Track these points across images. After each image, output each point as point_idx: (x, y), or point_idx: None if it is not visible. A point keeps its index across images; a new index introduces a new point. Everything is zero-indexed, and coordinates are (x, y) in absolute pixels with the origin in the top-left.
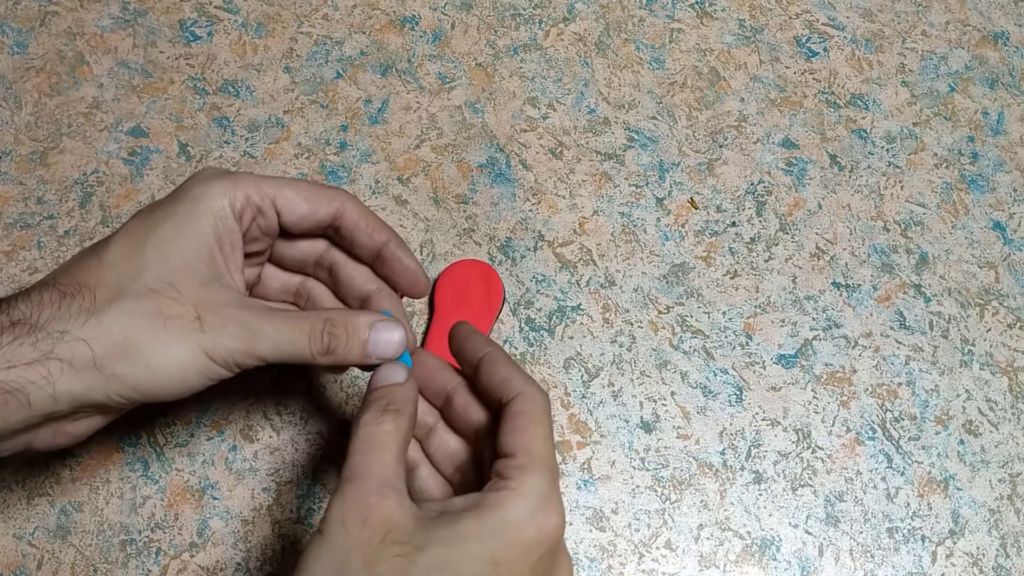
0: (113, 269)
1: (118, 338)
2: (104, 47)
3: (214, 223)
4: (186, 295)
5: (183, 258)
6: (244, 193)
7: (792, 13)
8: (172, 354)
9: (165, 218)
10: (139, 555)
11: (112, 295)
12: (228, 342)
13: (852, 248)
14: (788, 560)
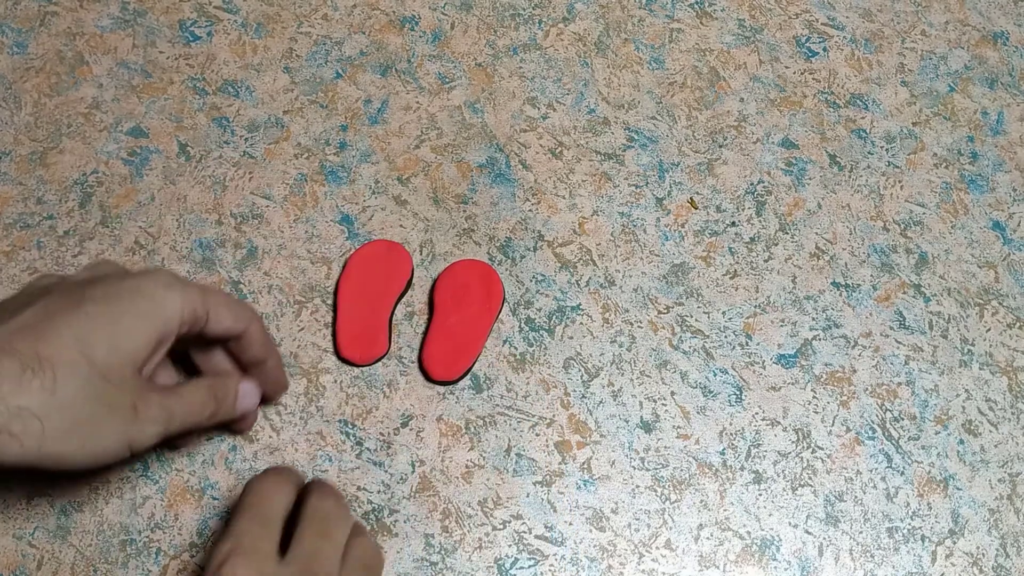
0: (73, 347)
1: (68, 422)
2: (104, 47)
3: (163, 327)
4: (127, 385)
5: (131, 351)
6: (192, 307)
7: (792, 13)
8: (105, 441)
9: (125, 312)
10: (139, 555)
11: (70, 377)
12: (151, 428)
13: (852, 248)
14: (788, 560)
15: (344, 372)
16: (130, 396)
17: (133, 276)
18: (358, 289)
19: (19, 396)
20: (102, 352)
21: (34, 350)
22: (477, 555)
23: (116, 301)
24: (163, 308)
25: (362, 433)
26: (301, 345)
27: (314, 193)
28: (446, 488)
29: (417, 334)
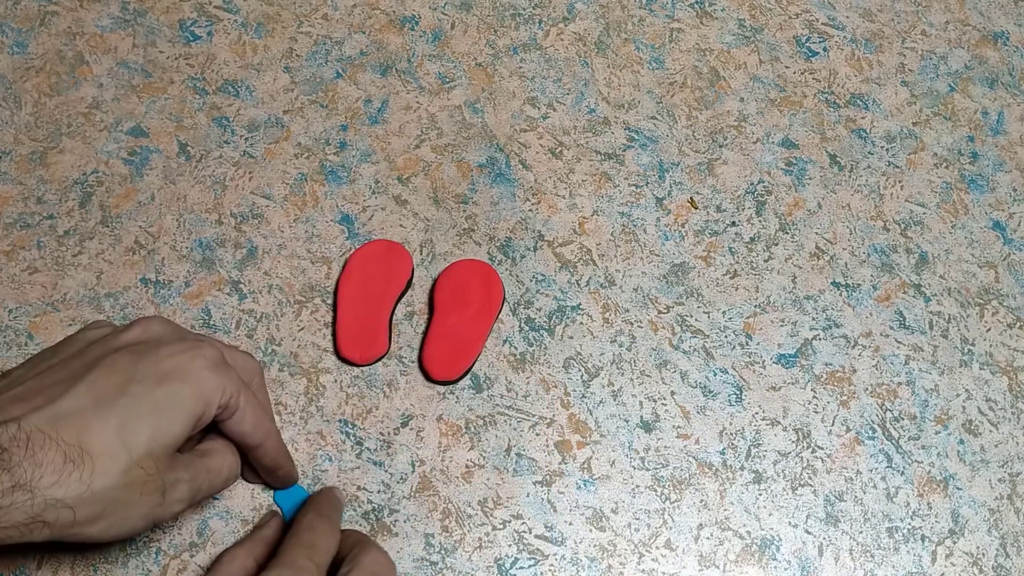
0: (115, 438)
1: (99, 510)
2: (104, 47)
3: (203, 411)
4: (160, 468)
5: (171, 438)
6: (228, 397)
7: (792, 13)
8: (130, 524)
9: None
10: (139, 555)
11: (108, 468)
12: (176, 507)
13: (852, 248)
14: (788, 560)
15: (344, 372)
16: (161, 481)
17: (179, 354)
18: (358, 289)
19: (57, 489)
20: (143, 440)
21: (78, 441)
22: (477, 555)
23: (163, 384)
24: (204, 394)
25: (362, 433)
26: (301, 345)
27: (314, 193)
28: (446, 488)
29: (417, 334)
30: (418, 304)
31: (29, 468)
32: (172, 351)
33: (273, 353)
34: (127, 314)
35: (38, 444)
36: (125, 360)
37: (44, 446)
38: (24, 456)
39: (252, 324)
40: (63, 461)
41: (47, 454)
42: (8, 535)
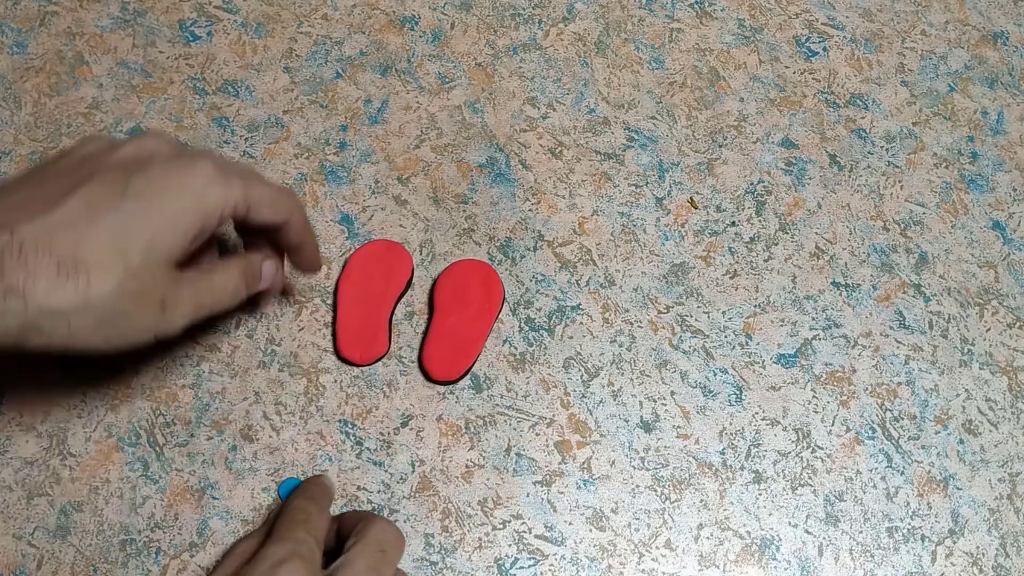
0: (110, 249)
1: (96, 320)
2: (104, 47)
3: (202, 222)
4: (158, 282)
5: (167, 249)
6: (233, 202)
7: (791, 13)
8: (131, 335)
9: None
10: (139, 555)
11: (103, 279)
12: (178, 322)
13: (852, 248)
14: (788, 560)
15: (344, 372)
16: (160, 293)
17: (177, 168)
18: (358, 289)
19: (52, 297)
20: (138, 252)
21: (72, 252)
22: (477, 555)
23: (158, 197)
24: (204, 204)
25: (362, 433)
26: (301, 345)
27: (314, 193)
28: (446, 488)
29: (417, 334)
30: (418, 304)
31: (22, 275)
32: (168, 166)
33: (273, 353)
34: None
35: (31, 252)
36: (119, 175)
37: (37, 255)
38: (17, 263)
39: (252, 324)
40: (56, 271)
41: (40, 262)
42: (5, 340)
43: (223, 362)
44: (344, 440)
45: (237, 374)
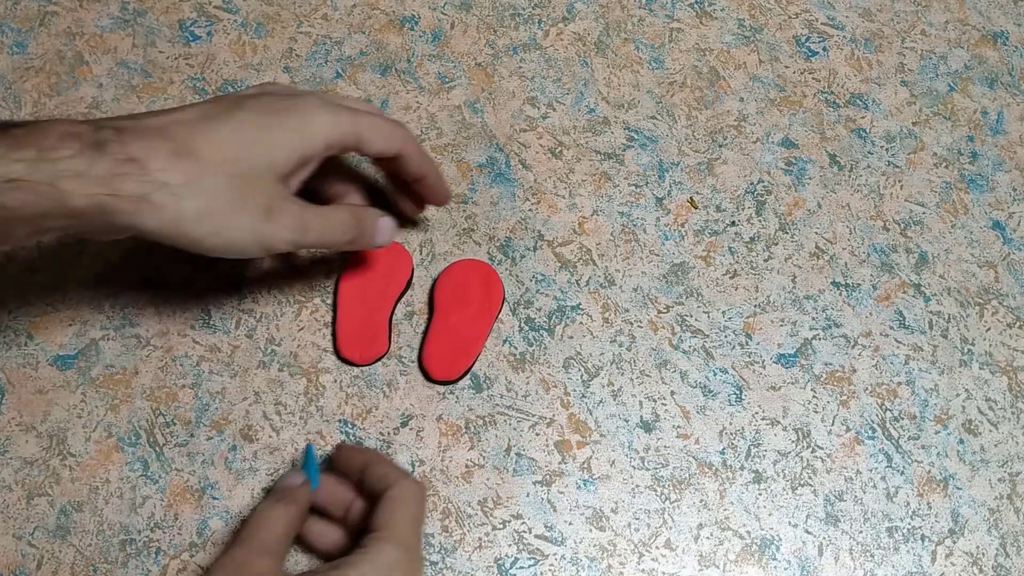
0: (219, 148)
1: (204, 207)
2: (104, 47)
3: (308, 145)
4: (265, 188)
5: (272, 161)
6: (340, 131)
7: (791, 13)
8: (237, 233)
9: (274, 125)
10: (139, 555)
11: (211, 171)
12: (283, 233)
13: (852, 248)
14: (788, 559)
15: (344, 372)
16: (266, 198)
17: (291, 96)
18: (358, 289)
19: (165, 173)
20: (244, 156)
21: (187, 141)
22: (477, 555)
23: (268, 114)
24: (310, 128)
25: (362, 433)
26: (301, 345)
27: None
28: (446, 488)
29: (417, 334)
30: (418, 304)
31: (142, 147)
32: (280, 95)
33: (273, 353)
34: (127, 314)
35: (151, 134)
36: (237, 98)
37: (155, 136)
38: (136, 139)
39: (252, 324)
40: (171, 152)
41: (159, 143)
42: (123, 210)
43: (223, 362)
44: (344, 440)
45: (237, 374)
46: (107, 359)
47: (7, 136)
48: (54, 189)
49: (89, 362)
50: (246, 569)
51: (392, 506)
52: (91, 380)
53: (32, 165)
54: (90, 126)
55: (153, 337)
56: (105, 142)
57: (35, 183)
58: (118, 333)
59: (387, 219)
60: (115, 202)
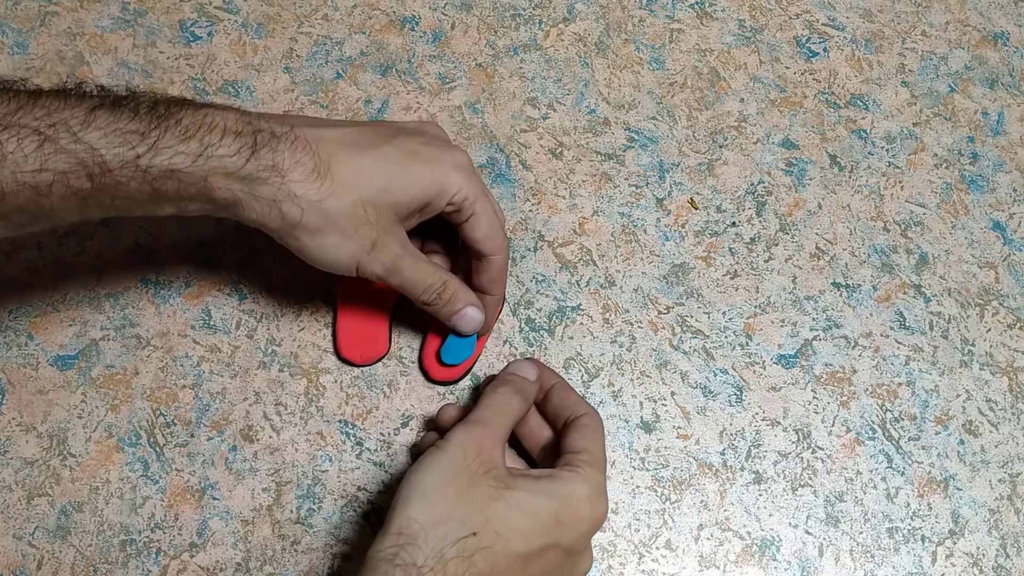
0: (356, 175)
1: (320, 225)
2: (104, 47)
3: (432, 196)
4: (380, 222)
5: (397, 201)
6: (464, 197)
7: (792, 13)
8: (338, 254)
9: (412, 170)
10: (139, 555)
11: (342, 195)
12: (376, 268)
13: (852, 248)
14: (788, 560)
15: (344, 372)
16: (376, 233)
17: (438, 146)
18: (358, 289)
19: (300, 187)
20: (375, 188)
21: (329, 161)
22: None
23: (411, 157)
24: (442, 181)
25: (362, 433)
26: (301, 345)
27: None
28: None
29: (417, 334)
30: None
31: (288, 159)
32: (432, 141)
33: (273, 353)
34: (127, 314)
35: (301, 147)
36: (393, 130)
37: (304, 150)
38: (287, 148)
39: (252, 324)
40: (312, 168)
41: (303, 156)
42: (254, 208)
43: (223, 362)
44: (344, 440)
45: (237, 374)
46: (107, 359)
47: (177, 126)
48: (204, 182)
49: (89, 362)
50: (483, 455)
51: (590, 433)
52: (91, 380)
53: (194, 160)
54: (248, 124)
55: (153, 337)
56: (259, 147)
57: (192, 175)
58: (118, 333)
59: (475, 310)
60: (249, 200)
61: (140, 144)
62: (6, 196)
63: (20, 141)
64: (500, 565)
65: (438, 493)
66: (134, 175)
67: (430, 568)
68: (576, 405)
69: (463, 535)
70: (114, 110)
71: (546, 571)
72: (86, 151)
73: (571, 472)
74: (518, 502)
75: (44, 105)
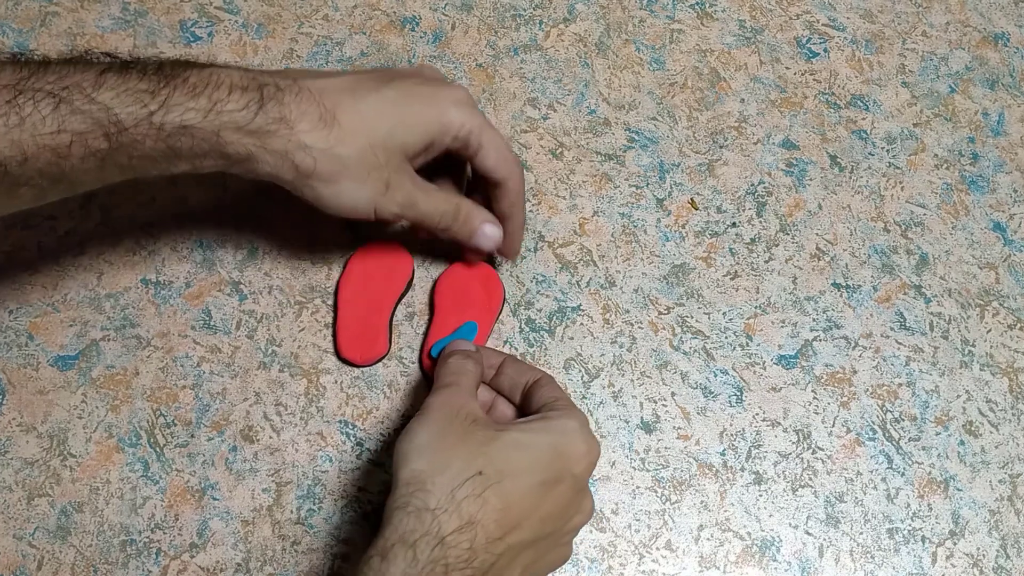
0: (361, 120)
1: (334, 172)
2: (104, 47)
3: (436, 134)
4: (390, 164)
5: (403, 140)
6: (467, 131)
7: (792, 14)
8: (355, 198)
9: (413, 110)
10: (139, 556)
11: (350, 140)
12: (392, 206)
13: (852, 249)
14: (788, 561)
15: (344, 372)
16: (388, 174)
17: (435, 85)
18: (359, 289)
19: (309, 136)
20: (382, 131)
21: (333, 109)
22: None
23: (411, 98)
24: (443, 119)
25: (362, 433)
26: (301, 346)
27: None
28: None
29: (418, 335)
30: (419, 305)
31: (295, 110)
32: (428, 81)
33: (273, 354)
34: (127, 315)
35: (305, 98)
36: (390, 74)
37: (309, 101)
38: (292, 100)
39: (252, 324)
40: (318, 118)
41: (309, 107)
42: (267, 161)
43: (223, 362)
44: (344, 441)
45: (237, 375)
46: (108, 359)
47: (185, 84)
48: (216, 136)
49: (90, 362)
50: (463, 409)
51: (554, 388)
52: (91, 381)
53: (205, 115)
54: (253, 79)
55: (154, 338)
56: (266, 100)
57: (204, 130)
58: (118, 333)
59: (491, 227)
60: (261, 154)
61: (152, 102)
62: (28, 159)
63: (36, 104)
64: (513, 500)
65: (435, 445)
66: (148, 132)
67: (444, 509)
68: (530, 371)
69: (470, 475)
70: (123, 72)
71: (559, 506)
72: (101, 110)
73: (557, 412)
74: (515, 441)
75: (55, 71)
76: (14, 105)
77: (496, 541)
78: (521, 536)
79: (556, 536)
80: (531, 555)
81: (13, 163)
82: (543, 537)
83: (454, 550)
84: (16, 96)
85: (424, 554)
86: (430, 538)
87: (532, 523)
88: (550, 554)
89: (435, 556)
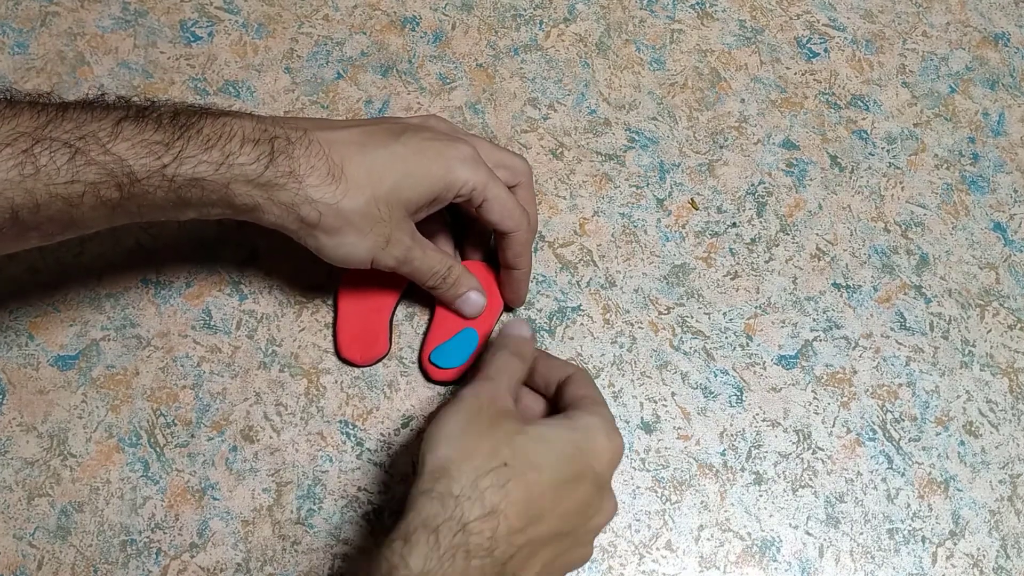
0: (369, 175)
1: (336, 226)
2: (105, 47)
3: (441, 191)
4: (392, 220)
5: (408, 197)
6: (472, 187)
7: (793, 14)
8: (355, 251)
9: (420, 167)
10: (139, 556)
11: (356, 196)
12: (389, 261)
13: (852, 249)
14: (788, 561)
15: (345, 372)
16: (390, 229)
17: (444, 141)
18: (359, 289)
19: (317, 191)
20: (386, 186)
21: (341, 164)
22: None
23: (418, 155)
24: (448, 176)
25: (363, 433)
26: (302, 345)
27: None
28: None
29: (418, 335)
30: (419, 305)
31: (304, 164)
32: (437, 136)
33: (274, 354)
34: (128, 315)
35: (315, 151)
36: (400, 128)
37: (318, 155)
38: (303, 154)
39: (253, 324)
40: (327, 172)
41: (318, 161)
42: (273, 212)
43: (224, 363)
44: (345, 441)
45: (238, 375)
46: (108, 359)
47: (199, 136)
48: (226, 189)
49: (90, 362)
50: (498, 402)
51: (586, 384)
52: (92, 380)
53: (216, 168)
54: (264, 131)
55: (154, 338)
56: (276, 154)
57: (214, 183)
58: (118, 333)
59: (477, 295)
60: (268, 205)
61: (165, 154)
62: (40, 208)
63: (52, 154)
64: (535, 494)
65: (462, 433)
66: (160, 184)
67: (467, 497)
68: (564, 367)
69: (495, 465)
70: (138, 121)
71: (579, 503)
72: (115, 162)
73: (582, 411)
74: (541, 435)
75: (72, 118)
76: (30, 155)
77: (517, 533)
78: (541, 530)
79: (576, 535)
80: (551, 552)
81: (25, 210)
82: (563, 534)
83: (476, 537)
84: (33, 145)
85: (446, 539)
86: (453, 523)
87: (552, 518)
88: (570, 553)
89: (457, 542)
